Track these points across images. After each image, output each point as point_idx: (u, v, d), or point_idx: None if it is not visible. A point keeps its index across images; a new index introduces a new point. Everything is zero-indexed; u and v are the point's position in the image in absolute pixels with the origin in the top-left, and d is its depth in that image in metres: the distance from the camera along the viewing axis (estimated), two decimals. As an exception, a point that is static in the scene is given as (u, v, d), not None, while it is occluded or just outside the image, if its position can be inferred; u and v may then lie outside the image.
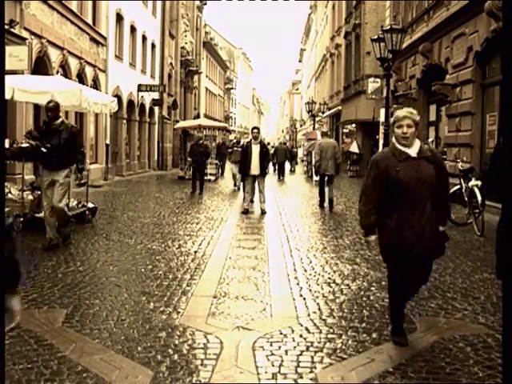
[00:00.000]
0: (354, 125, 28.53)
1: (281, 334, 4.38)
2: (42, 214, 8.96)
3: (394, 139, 4.21)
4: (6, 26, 11.94)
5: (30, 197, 9.21)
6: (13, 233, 1.98)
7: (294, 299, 5.27)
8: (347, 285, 5.93)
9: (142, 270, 6.47)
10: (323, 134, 14.48)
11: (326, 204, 12.99)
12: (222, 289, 5.70)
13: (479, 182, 9.62)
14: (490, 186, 5.33)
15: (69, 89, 9.70)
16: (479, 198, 9.35)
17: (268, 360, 3.86)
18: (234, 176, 18.88)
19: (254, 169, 12.08)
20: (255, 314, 4.86)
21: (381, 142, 18.87)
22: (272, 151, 25.24)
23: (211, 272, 6.46)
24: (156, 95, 28.08)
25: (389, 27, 13.55)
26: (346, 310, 5.04)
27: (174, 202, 13.91)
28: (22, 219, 8.62)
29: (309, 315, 4.87)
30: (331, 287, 5.77)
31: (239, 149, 16.84)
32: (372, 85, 24.03)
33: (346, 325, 4.63)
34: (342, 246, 8.16)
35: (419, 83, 17.69)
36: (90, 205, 10.27)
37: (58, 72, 15.98)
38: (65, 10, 16.71)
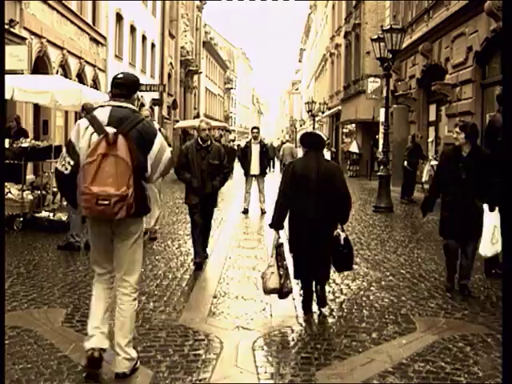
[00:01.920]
0: (353, 125, 28.48)
1: (280, 333, 4.38)
2: (41, 214, 8.98)
3: None
4: (6, 26, 11.93)
5: (30, 197, 9.21)
6: None
7: (293, 299, 5.26)
8: (347, 284, 5.93)
9: (142, 269, 6.44)
10: (286, 141, 22.54)
11: None
12: (221, 288, 5.70)
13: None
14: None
15: (69, 89, 9.70)
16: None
17: (268, 360, 3.86)
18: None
19: (254, 168, 12.09)
20: (255, 314, 4.86)
21: (381, 142, 18.86)
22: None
23: (211, 272, 6.46)
24: (156, 95, 28.04)
25: (389, 27, 13.50)
26: (345, 310, 5.04)
27: (174, 202, 13.91)
28: (21, 219, 8.63)
29: (309, 315, 4.86)
30: (331, 287, 5.76)
31: None
32: (372, 85, 24.00)
33: (345, 324, 4.63)
34: (342, 246, 8.13)
35: (419, 83, 17.67)
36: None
37: (57, 72, 15.97)
38: (65, 10, 16.69)
